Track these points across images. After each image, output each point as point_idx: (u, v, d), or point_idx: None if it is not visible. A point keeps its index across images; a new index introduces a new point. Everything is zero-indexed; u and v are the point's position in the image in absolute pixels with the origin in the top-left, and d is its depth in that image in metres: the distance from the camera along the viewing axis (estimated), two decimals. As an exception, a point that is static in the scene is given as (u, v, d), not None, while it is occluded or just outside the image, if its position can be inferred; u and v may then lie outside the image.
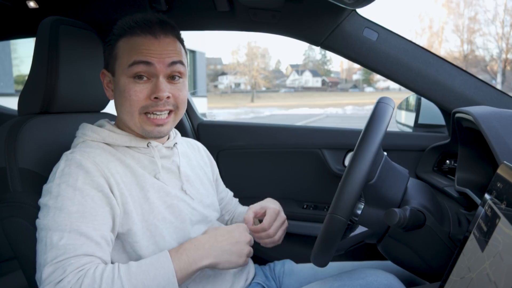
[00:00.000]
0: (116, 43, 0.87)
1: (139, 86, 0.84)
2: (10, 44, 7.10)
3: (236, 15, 1.26)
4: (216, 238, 0.82)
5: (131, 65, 0.83)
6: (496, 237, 0.51)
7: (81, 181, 0.78)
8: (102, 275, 0.70)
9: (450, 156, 1.29)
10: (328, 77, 68.81)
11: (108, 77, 0.91)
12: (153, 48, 0.84)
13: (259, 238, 0.96)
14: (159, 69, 0.84)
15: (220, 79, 61.71)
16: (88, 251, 0.72)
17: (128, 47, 0.85)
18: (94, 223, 0.75)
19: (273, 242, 0.97)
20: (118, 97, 0.88)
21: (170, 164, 0.95)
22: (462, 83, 1.17)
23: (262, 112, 22.63)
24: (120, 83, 0.86)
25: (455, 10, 43.26)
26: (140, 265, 0.74)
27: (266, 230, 0.95)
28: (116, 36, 0.87)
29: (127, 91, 0.84)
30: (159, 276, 0.73)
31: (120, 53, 0.86)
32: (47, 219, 0.75)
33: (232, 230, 0.85)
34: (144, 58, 0.83)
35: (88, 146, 0.86)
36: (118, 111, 0.90)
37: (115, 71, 0.87)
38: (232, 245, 0.83)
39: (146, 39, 0.84)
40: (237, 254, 0.84)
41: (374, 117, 0.78)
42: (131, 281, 0.71)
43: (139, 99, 0.84)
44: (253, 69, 56.71)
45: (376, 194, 0.80)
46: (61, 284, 0.68)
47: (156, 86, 0.84)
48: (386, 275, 0.86)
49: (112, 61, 0.88)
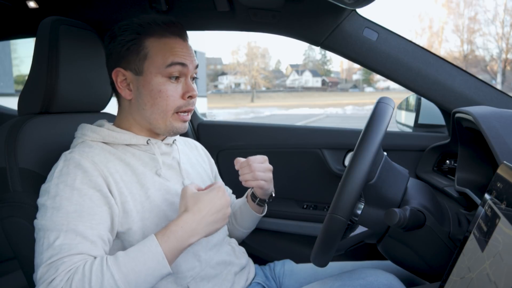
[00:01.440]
0: (143, 42, 0.86)
1: (173, 86, 0.87)
2: (10, 44, 7.10)
3: (236, 15, 1.26)
4: (200, 212, 0.78)
5: (168, 65, 0.85)
6: (496, 237, 0.51)
7: (79, 181, 0.78)
8: (91, 268, 0.69)
9: (450, 156, 1.29)
10: (328, 77, 68.82)
11: (123, 75, 0.89)
12: (185, 50, 0.88)
13: (242, 172, 1.00)
14: (190, 70, 0.89)
15: (220, 79, 61.72)
16: (83, 250, 0.72)
17: (162, 48, 0.86)
18: (92, 222, 0.75)
19: (253, 178, 0.99)
20: (148, 97, 0.87)
21: (170, 161, 0.95)
22: (462, 83, 1.17)
23: (262, 112, 22.65)
24: (153, 82, 0.86)
25: (455, 10, 43.28)
26: (127, 253, 0.73)
27: (249, 163, 0.99)
28: (142, 35, 0.86)
29: (164, 91, 0.86)
30: (149, 260, 0.72)
31: (152, 53, 0.86)
32: (44, 219, 0.75)
33: (212, 198, 0.80)
34: (181, 59, 0.86)
35: (87, 146, 0.86)
36: (145, 110, 0.88)
37: (144, 70, 0.86)
38: (216, 214, 0.80)
39: (176, 40, 0.88)
40: (221, 219, 0.81)
41: (374, 117, 0.78)
42: (121, 270, 0.70)
43: (175, 99, 0.87)
44: (253, 69, 56.74)
45: (376, 194, 0.80)
46: (53, 284, 0.67)
47: (188, 86, 0.89)
48: (386, 275, 0.87)
49: (139, 60, 0.86)
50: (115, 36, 0.87)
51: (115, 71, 0.89)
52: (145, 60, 0.86)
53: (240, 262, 1.01)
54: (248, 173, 0.99)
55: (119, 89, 0.90)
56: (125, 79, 0.89)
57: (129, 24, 0.87)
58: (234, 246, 1.05)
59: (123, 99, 0.92)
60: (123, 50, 0.87)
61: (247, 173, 0.99)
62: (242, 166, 1.00)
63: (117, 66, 0.89)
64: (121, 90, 0.90)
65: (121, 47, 0.87)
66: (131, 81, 0.88)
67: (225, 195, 0.83)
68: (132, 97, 0.89)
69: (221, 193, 0.82)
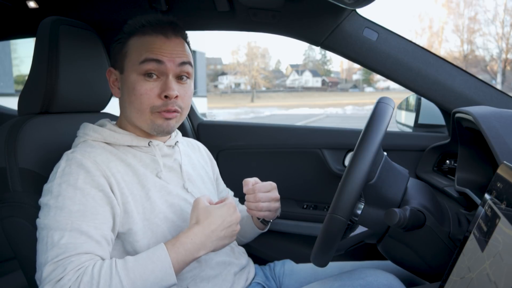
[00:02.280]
0: (127, 41, 0.88)
1: (149, 84, 0.85)
2: (10, 44, 7.10)
3: (236, 15, 1.26)
4: (210, 227, 0.80)
5: (142, 62, 0.84)
6: (496, 237, 0.51)
7: (81, 181, 0.78)
8: (100, 271, 0.69)
9: (450, 156, 1.29)
10: (328, 77, 68.82)
11: (114, 75, 0.91)
12: (164, 47, 0.85)
13: (247, 200, 0.96)
14: (169, 67, 0.85)
15: (220, 79, 61.72)
16: (88, 249, 0.72)
17: (139, 45, 0.86)
18: (95, 222, 0.75)
19: (256, 209, 0.95)
20: (126, 94, 0.88)
21: (171, 163, 0.95)
22: (462, 83, 1.17)
23: (262, 112, 22.64)
24: (129, 80, 0.86)
25: (455, 10, 43.27)
26: (137, 259, 0.74)
27: (255, 192, 0.94)
28: (127, 35, 0.88)
29: (137, 88, 0.85)
30: (157, 269, 0.73)
31: (130, 51, 0.87)
32: (48, 218, 0.75)
33: (223, 215, 0.82)
34: (155, 56, 0.84)
35: (89, 145, 0.86)
36: (126, 109, 0.90)
37: (124, 68, 0.88)
38: (225, 230, 0.82)
39: (157, 38, 0.86)
40: (229, 236, 0.83)
41: (374, 117, 0.78)
42: (129, 275, 0.71)
43: (150, 97, 0.85)
44: (253, 69, 56.72)
45: (376, 194, 0.80)
46: (61, 282, 0.68)
47: (166, 85, 0.85)
48: (386, 275, 0.86)
49: (121, 58, 0.88)
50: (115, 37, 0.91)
51: (108, 70, 0.93)
52: (125, 58, 0.87)
53: (240, 262, 1.01)
54: (252, 202, 0.95)
55: (111, 87, 0.93)
56: (116, 78, 0.92)
57: (125, 25, 0.89)
58: (234, 246, 1.05)
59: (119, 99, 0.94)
60: (114, 50, 0.91)
61: (251, 202, 0.96)
62: (248, 192, 0.96)
63: (110, 66, 0.92)
64: (112, 88, 0.93)
65: (113, 48, 0.91)
66: (119, 79, 0.91)
67: (236, 212, 0.84)
68: (119, 95, 0.92)
69: (232, 209, 0.84)
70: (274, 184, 0.99)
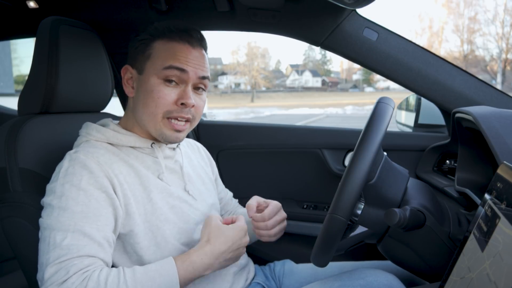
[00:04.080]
0: (152, 43, 0.87)
1: (168, 90, 0.85)
2: (10, 44, 7.10)
3: (236, 15, 1.26)
4: (220, 248, 0.81)
5: (166, 68, 0.84)
6: (496, 237, 0.51)
7: (85, 181, 0.78)
8: (107, 279, 0.70)
9: (450, 156, 1.29)
10: (328, 77, 68.81)
11: (131, 73, 0.91)
12: (190, 56, 0.86)
13: (256, 228, 0.95)
14: (191, 77, 0.86)
15: (220, 79, 61.71)
16: (91, 252, 0.72)
17: (165, 50, 0.86)
18: (98, 223, 0.75)
19: (268, 236, 0.95)
20: (142, 96, 0.87)
21: (173, 165, 0.95)
22: (462, 83, 1.17)
23: (262, 112, 22.63)
24: (149, 82, 0.86)
25: (455, 10, 43.29)
26: (146, 271, 0.74)
27: (265, 220, 0.93)
28: (153, 37, 0.87)
29: (155, 92, 0.85)
30: (164, 283, 0.74)
31: (155, 54, 0.86)
32: (50, 218, 0.75)
33: (234, 236, 0.83)
34: (180, 65, 0.85)
35: (91, 146, 0.86)
36: (138, 110, 0.89)
37: (145, 69, 0.87)
38: (234, 251, 0.84)
39: (184, 46, 0.86)
40: (235, 258, 0.86)
41: (374, 117, 0.78)
42: (137, 286, 0.71)
43: (166, 102, 0.85)
44: (253, 69, 56.73)
45: (376, 194, 0.80)
46: (65, 285, 0.68)
47: (185, 93, 0.86)
48: (386, 275, 0.86)
49: (143, 59, 0.88)
50: (136, 36, 0.91)
51: (124, 68, 0.92)
52: (148, 60, 0.87)
53: (239, 262, 1.01)
54: (264, 230, 0.94)
55: (124, 85, 0.92)
56: (131, 77, 0.91)
57: (150, 27, 0.89)
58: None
59: (129, 98, 0.93)
60: (133, 49, 0.90)
61: (263, 230, 0.94)
62: (256, 220, 0.94)
63: (127, 63, 0.92)
64: (126, 86, 0.92)
65: (134, 46, 0.90)
66: (135, 79, 0.90)
67: (246, 236, 0.86)
68: (133, 95, 0.91)
69: (243, 233, 0.85)
70: (279, 205, 0.98)
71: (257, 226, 0.95)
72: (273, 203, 0.97)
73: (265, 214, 0.93)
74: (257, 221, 0.94)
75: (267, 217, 0.93)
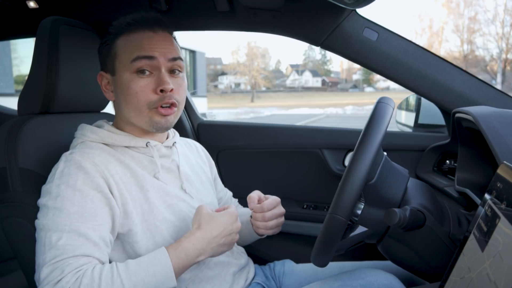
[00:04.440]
0: (114, 42, 0.87)
1: (143, 81, 0.85)
2: (10, 44, 7.10)
3: (236, 15, 1.26)
4: (212, 233, 0.81)
5: (133, 60, 0.84)
6: (496, 237, 0.51)
7: (80, 182, 0.78)
8: (101, 274, 0.70)
9: (450, 156, 1.29)
10: (328, 77, 68.81)
11: (106, 78, 0.91)
12: (153, 42, 0.85)
13: (254, 219, 0.97)
14: (161, 62, 0.85)
15: (220, 79, 61.72)
16: (86, 251, 0.72)
17: (128, 44, 0.85)
18: (93, 223, 0.75)
19: (265, 228, 0.97)
20: (122, 95, 0.87)
21: (169, 164, 0.95)
22: (462, 83, 1.17)
23: (262, 112, 22.63)
24: (122, 80, 0.86)
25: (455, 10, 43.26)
26: (138, 262, 0.74)
27: (264, 211, 0.95)
28: (114, 36, 0.88)
29: (131, 87, 0.84)
30: (158, 272, 0.74)
31: (120, 51, 0.86)
32: (46, 219, 0.75)
33: (225, 222, 0.83)
34: (146, 53, 0.84)
35: (87, 146, 0.86)
36: (122, 109, 0.89)
37: (116, 69, 0.87)
38: (226, 237, 0.83)
39: (145, 34, 0.86)
40: (228, 244, 0.85)
41: (374, 117, 0.78)
42: (131, 279, 0.71)
43: (146, 94, 0.84)
44: (253, 69, 56.72)
45: (376, 194, 0.80)
46: (60, 285, 0.68)
47: (160, 79, 0.84)
48: (386, 275, 0.87)
49: (111, 60, 0.88)
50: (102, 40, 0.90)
51: (99, 75, 0.92)
52: (116, 59, 0.87)
53: (239, 262, 1.01)
54: (260, 222, 0.96)
55: (104, 92, 0.92)
56: (108, 82, 0.91)
57: (110, 27, 0.89)
58: (233, 247, 1.05)
59: (113, 102, 0.94)
60: (103, 53, 0.90)
61: (260, 222, 0.96)
62: (256, 211, 0.97)
63: (101, 70, 0.92)
64: (105, 92, 0.92)
65: (101, 51, 0.91)
66: (111, 82, 0.90)
67: (237, 221, 0.86)
68: (114, 98, 0.91)
69: (234, 218, 0.85)
70: (278, 199, 1.00)
71: (255, 217, 0.97)
72: (272, 197, 0.99)
73: (264, 205, 0.95)
74: (256, 211, 0.96)
75: (265, 208, 0.95)
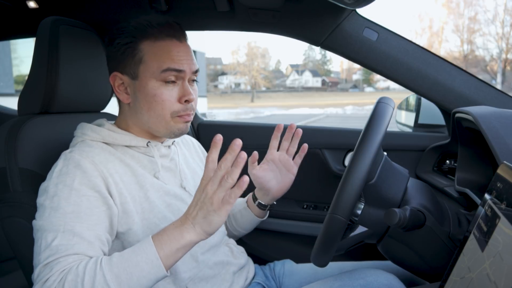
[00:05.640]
0: (138, 46, 0.85)
1: (169, 90, 0.86)
2: (10, 44, 7.10)
3: (236, 15, 1.26)
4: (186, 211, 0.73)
5: (164, 71, 0.84)
6: (496, 237, 0.51)
7: (78, 181, 0.77)
8: (85, 268, 0.69)
9: (450, 156, 1.29)
10: (328, 77, 68.83)
11: (121, 79, 0.88)
12: (182, 54, 0.86)
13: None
14: (187, 74, 0.87)
15: (220, 79, 61.73)
16: (79, 250, 0.72)
17: (157, 52, 0.84)
18: (89, 223, 0.75)
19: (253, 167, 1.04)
20: (144, 101, 0.86)
21: (169, 163, 0.95)
22: (462, 83, 1.17)
23: (262, 112, 22.65)
24: (148, 87, 0.85)
25: (455, 10, 43.28)
26: (122, 253, 0.72)
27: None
28: (137, 38, 0.85)
29: (158, 95, 0.85)
30: (142, 261, 0.70)
31: (147, 57, 0.85)
32: (42, 219, 0.75)
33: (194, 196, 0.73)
34: (177, 66, 0.85)
35: (87, 145, 0.86)
36: (142, 115, 0.88)
37: (139, 74, 0.86)
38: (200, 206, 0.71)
39: (172, 43, 0.86)
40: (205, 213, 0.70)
41: (374, 117, 0.78)
42: (113, 270, 0.69)
43: (171, 103, 0.86)
44: (253, 69, 56.74)
45: (376, 194, 0.80)
46: (47, 284, 0.67)
47: (185, 90, 0.87)
48: (386, 275, 0.87)
49: (134, 64, 0.86)
50: (113, 39, 0.87)
51: (113, 76, 0.89)
52: (140, 65, 0.85)
53: (239, 262, 1.01)
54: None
55: (117, 93, 0.90)
56: (123, 83, 0.89)
57: (126, 27, 0.87)
58: (232, 246, 1.05)
59: (122, 103, 0.92)
60: (119, 54, 0.87)
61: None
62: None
63: (114, 70, 0.89)
64: (119, 94, 0.90)
65: (117, 51, 0.87)
66: (128, 85, 0.88)
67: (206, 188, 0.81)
68: (130, 101, 0.89)
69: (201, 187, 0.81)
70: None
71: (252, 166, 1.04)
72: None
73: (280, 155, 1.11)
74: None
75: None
